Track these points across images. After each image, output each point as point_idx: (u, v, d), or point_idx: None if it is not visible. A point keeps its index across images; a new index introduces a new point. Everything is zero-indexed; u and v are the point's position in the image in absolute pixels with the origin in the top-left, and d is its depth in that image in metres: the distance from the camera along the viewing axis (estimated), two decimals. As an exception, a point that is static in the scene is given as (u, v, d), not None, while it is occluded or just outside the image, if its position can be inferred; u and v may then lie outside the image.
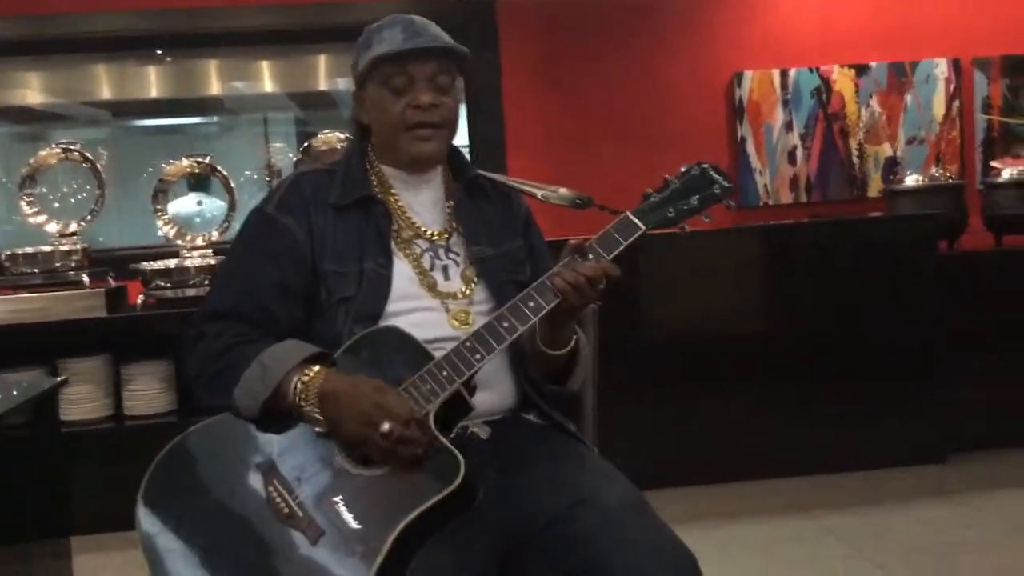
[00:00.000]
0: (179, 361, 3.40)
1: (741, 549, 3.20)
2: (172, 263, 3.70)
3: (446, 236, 1.74)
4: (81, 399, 3.58)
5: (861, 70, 4.87)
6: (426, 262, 1.69)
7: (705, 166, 1.67)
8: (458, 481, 1.43)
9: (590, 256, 1.58)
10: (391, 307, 1.62)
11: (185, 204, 5.23)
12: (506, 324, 1.54)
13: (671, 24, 4.80)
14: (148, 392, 3.61)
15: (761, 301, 4.00)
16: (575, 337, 1.69)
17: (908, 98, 4.89)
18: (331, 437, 1.51)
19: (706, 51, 4.82)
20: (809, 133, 4.87)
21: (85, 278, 3.64)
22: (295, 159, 4.02)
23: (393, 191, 1.74)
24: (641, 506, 1.54)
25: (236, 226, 5.56)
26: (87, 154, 3.87)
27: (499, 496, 1.55)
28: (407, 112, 1.67)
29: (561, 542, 1.48)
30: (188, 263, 3.69)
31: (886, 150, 4.90)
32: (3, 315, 3.57)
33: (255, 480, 1.50)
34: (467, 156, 1.84)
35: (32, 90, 5.37)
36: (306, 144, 4.01)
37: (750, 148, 4.84)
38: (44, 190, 3.89)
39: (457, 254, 1.72)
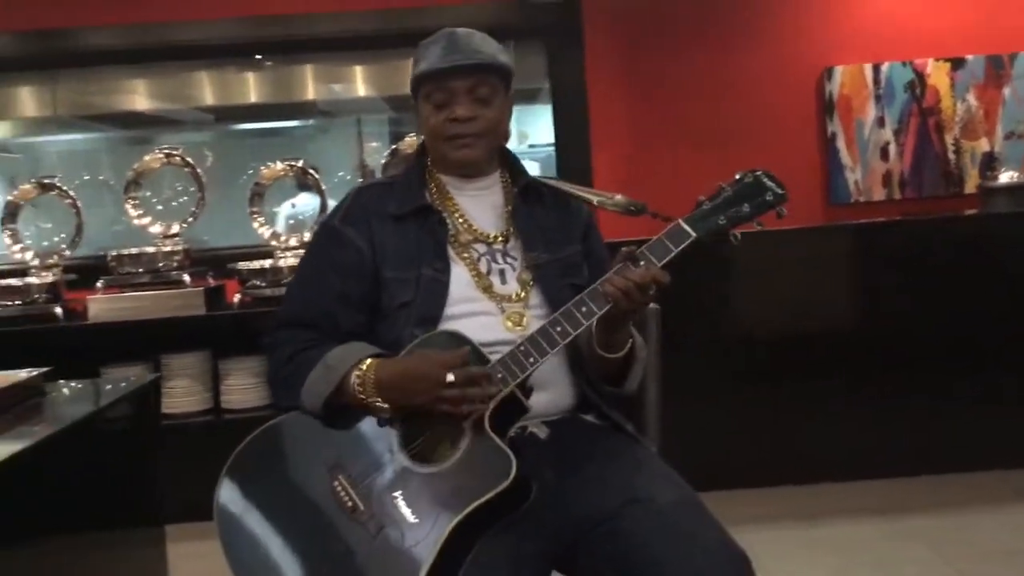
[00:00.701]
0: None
1: (821, 551, 3.19)
2: (267, 263, 3.84)
3: (503, 240, 1.80)
4: (182, 393, 3.76)
5: (957, 63, 4.75)
6: (483, 266, 1.76)
7: (759, 173, 1.68)
8: (510, 479, 1.49)
9: (641, 263, 1.61)
10: (449, 310, 1.70)
11: (299, 201, 5.45)
12: (559, 329, 1.59)
13: (759, 19, 4.76)
14: (244, 386, 3.77)
15: (850, 300, 3.96)
16: (631, 340, 1.73)
17: (1006, 92, 4.75)
18: (396, 429, 1.59)
19: (795, 46, 4.76)
20: (902, 128, 4.77)
21: (186, 277, 3.81)
22: (383, 161, 4.13)
23: (451, 198, 1.81)
24: (694, 505, 1.58)
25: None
26: (188, 158, 4.05)
27: (553, 496, 1.60)
28: (446, 125, 1.75)
29: (613, 541, 1.54)
30: (282, 263, 3.83)
31: (983, 145, 4.77)
32: (110, 313, 3.76)
33: (323, 473, 1.59)
34: (523, 163, 1.90)
35: (139, 96, 5.60)
36: (393, 147, 4.11)
37: (840, 144, 4.77)
38: (148, 193, 4.07)
39: (514, 258, 1.78)
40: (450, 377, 1.53)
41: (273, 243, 3.97)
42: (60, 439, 1.79)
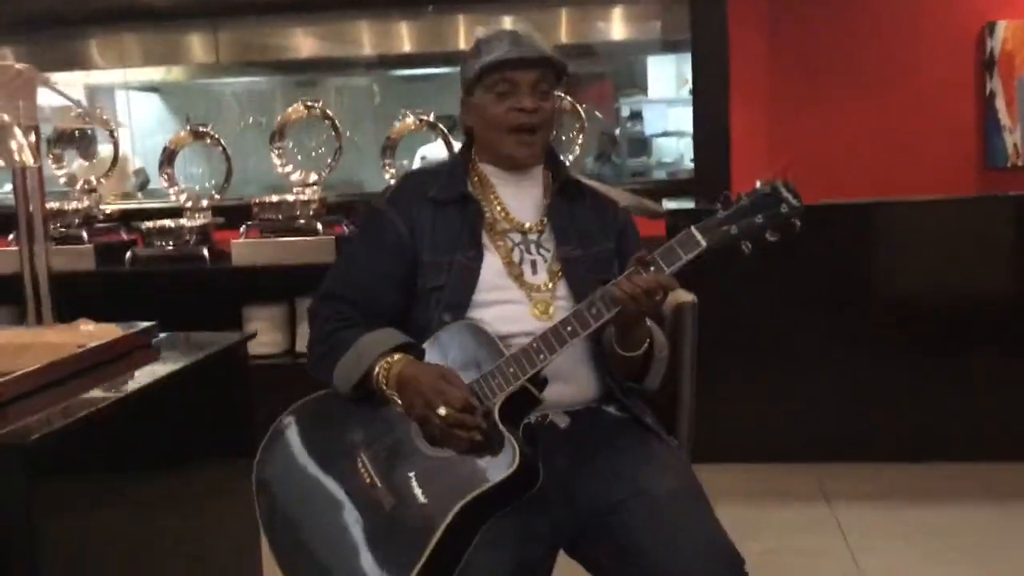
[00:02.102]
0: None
1: (921, 533, 3.12)
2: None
3: (538, 231, 1.85)
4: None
5: None
6: (516, 255, 1.82)
7: (777, 183, 1.65)
8: (512, 469, 1.57)
9: (652, 268, 1.64)
10: (478, 297, 1.77)
11: (434, 150, 5.60)
12: (569, 328, 1.65)
13: (918, -32, 4.53)
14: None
15: (1004, 274, 3.78)
16: (648, 340, 1.76)
17: None
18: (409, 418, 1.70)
19: (955, -1, 4.52)
20: (1070, 88, 4.46)
21: (319, 226, 4.01)
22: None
23: (493, 187, 1.88)
24: (692, 499, 1.62)
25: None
26: (327, 111, 4.23)
27: (563, 484, 1.67)
28: (510, 115, 1.80)
29: (610, 533, 1.60)
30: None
31: None
32: (250, 257, 4.02)
33: (349, 450, 1.72)
34: (564, 160, 1.96)
35: (302, 44, 5.87)
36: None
37: (999, 104, 4.50)
38: (291, 144, 4.28)
39: (547, 250, 1.84)
40: (441, 411, 1.61)
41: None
42: (166, 383, 1.98)
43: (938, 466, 3.62)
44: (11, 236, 4.15)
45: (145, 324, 2.30)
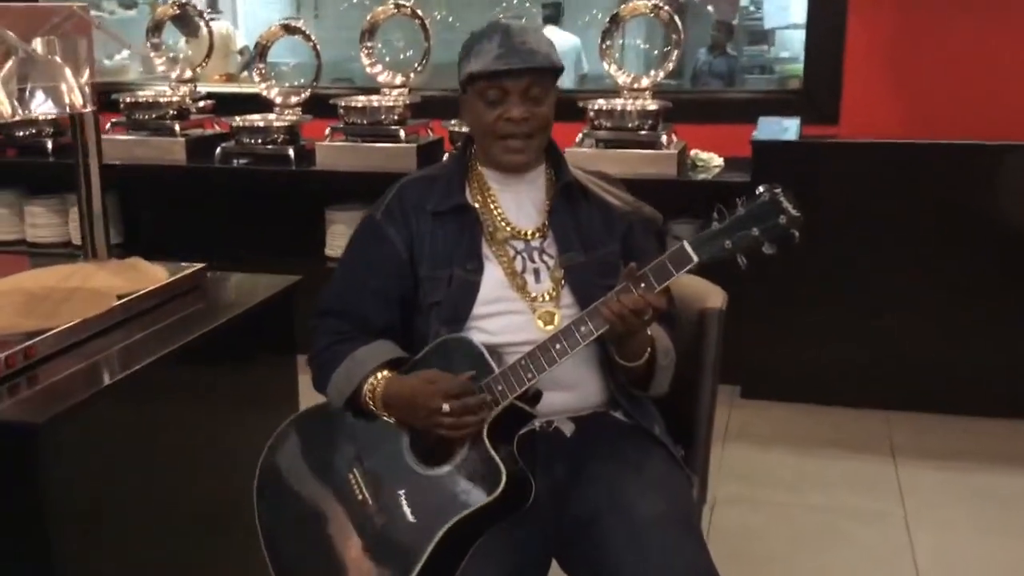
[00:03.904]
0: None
1: (984, 500, 3.03)
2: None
3: (541, 237, 1.79)
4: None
5: None
6: (519, 264, 1.77)
7: (777, 191, 1.55)
8: (498, 493, 1.57)
9: (642, 284, 1.57)
10: (478, 310, 1.73)
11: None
12: (558, 346, 1.61)
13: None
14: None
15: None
16: (649, 348, 1.70)
17: None
18: (405, 431, 1.70)
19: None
20: None
21: (402, 133, 3.99)
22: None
23: (491, 193, 1.81)
24: (676, 522, 1.60)
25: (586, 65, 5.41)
26: (417, 11, 4.14)
27: (559, 492, 1.67)
28: (499, 124, 1.73)
29: (589, 545, 1.60)
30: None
31: None
32: (334, 160, 4.04)
33: (342, 464, 1.74)
34: (566, 159, 1.85)
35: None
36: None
37: None
38: (380, 45, 4.23)
39: (551, 256, 1.78)
40: (446, 407, 1.59)
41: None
42: (219, 330, 2.04)
43: (1020, 425, 3.48)
44: (108, 125, 4.28)
45: (194, 267, 2.34)
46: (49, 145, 4.37)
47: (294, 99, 4.27)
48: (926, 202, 3.52)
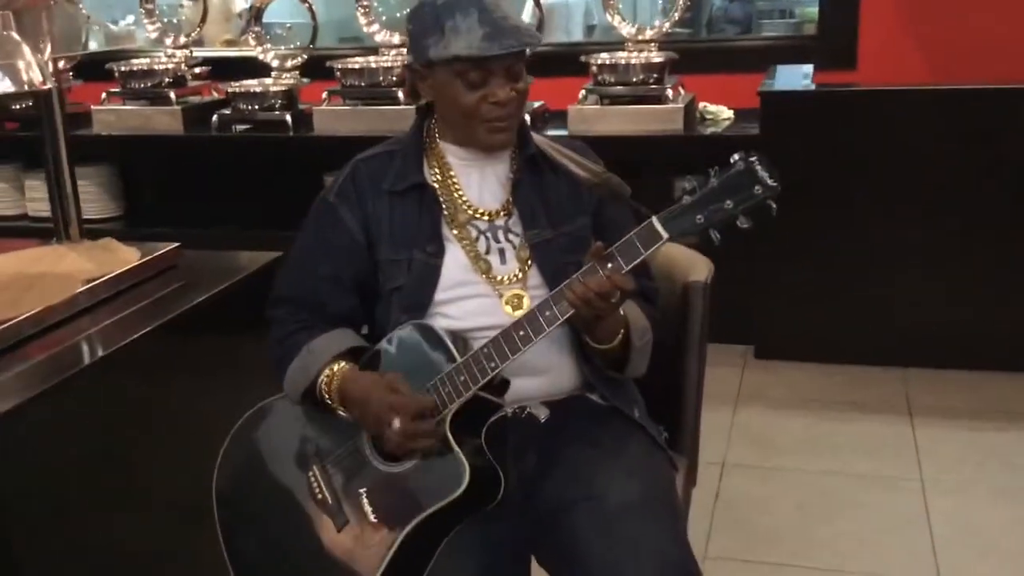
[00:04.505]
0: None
1: (1000, 463, 2.92)
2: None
3: (505, 215, 1.68)
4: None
5: None
6: (482, 245, 1.66)
7: (753, 159, 1.42)
8: (461, 490, 1.48)
9: (609, 265, 1.46)
10: (440, 295, 1.63)
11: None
12: (521, 333, 1.50)
13: None
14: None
15: None
16: (623, 329, 1.60)
17: None
18: (362, 429, 1.60)
19: None
20: None
21: (400, 94, 3.87)
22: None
23: (452, 172, 1.69)
24: (650, 510, 1.51)
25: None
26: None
27: (530, 480, 1.58)
28: (482, 106, 1.59)
29: (560, 535, 1.51)
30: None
31: None
32: (332, 125, 3.94)
33: (302, 461, 1.65)
34: (529, 127, 1.73)
35: None
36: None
37: None
38: (376, 3, 4.09)
39: (516, 234, 1.67)
40: (396, 424, 1.49)
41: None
42: (188, 314, 1.98)
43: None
44: (104, 95, 4.21)
45: (168, 247, 2.27)
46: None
47: (290, 62, 4.16)
48: (946, 152, 3.36)
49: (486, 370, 1.51)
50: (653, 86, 3.69)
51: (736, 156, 1.44)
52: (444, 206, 1.67)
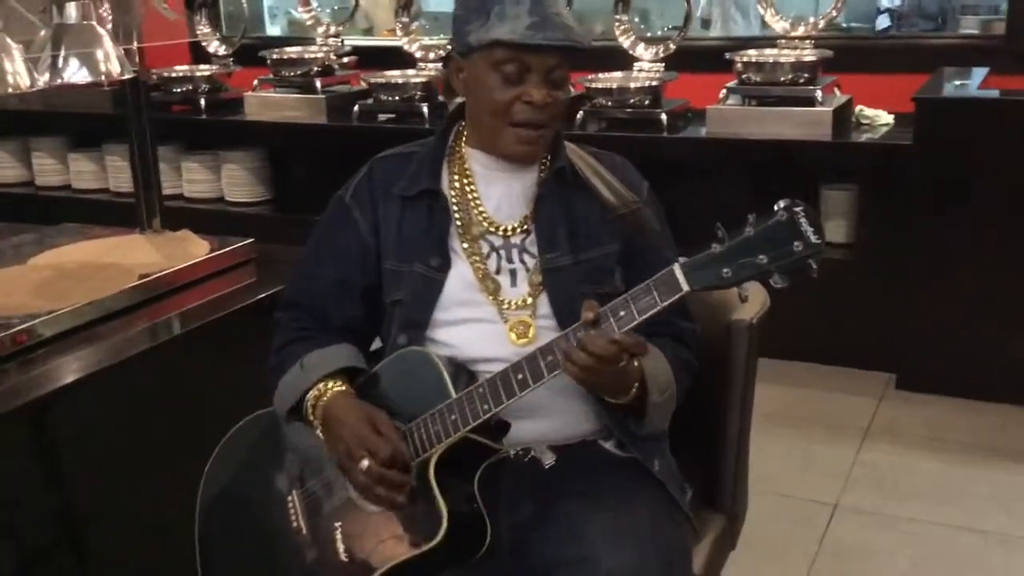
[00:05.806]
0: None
1: None
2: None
3: (523, 233, 1.52)
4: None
5: None
6: (492, 264, 1.51)
7: (798, 210, 1.22)
8: (436, 541, 1.35)
9: (622, 313, 1.29)
10: (440, 315, 1.50)
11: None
12: (520, 376, 1.35)
13: None
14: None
15: None
16: (637, 383, 1.42)
17: None
18: None
19: None
20: None
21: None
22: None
23: (472, 180, 1.55)
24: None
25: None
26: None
27: (519, 536, 1.43)
28: (515, 106, 1.44)
29: None
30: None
31: None
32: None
33: (284, 483, 1.56)
34: (563, 136, 1.56)
35: None
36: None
37: None
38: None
39: (533, 255, 1.51)
40: (363, 465, 1.38)
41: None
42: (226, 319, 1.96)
43: None
44: (256, 82, 4.31)
45: (240, 243, 2.25)
46: (203, 102, 4.44)
47: (433, 54, 4.12)
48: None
49: (479, 412, 1.37)
50: (802, 86, 3.43)
51: (780, 204, 1.24)
52: (458, 216, 1.54)
